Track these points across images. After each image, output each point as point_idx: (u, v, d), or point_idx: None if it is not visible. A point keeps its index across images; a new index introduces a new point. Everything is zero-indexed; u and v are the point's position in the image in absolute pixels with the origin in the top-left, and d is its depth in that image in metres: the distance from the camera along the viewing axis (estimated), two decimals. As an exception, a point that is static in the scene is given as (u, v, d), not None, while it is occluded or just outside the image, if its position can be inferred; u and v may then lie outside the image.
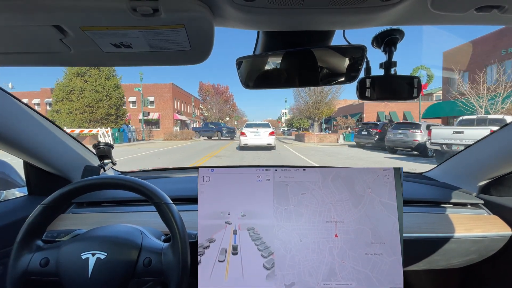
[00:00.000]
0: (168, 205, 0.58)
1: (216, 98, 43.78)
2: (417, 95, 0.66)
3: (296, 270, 0.59)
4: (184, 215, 0.62)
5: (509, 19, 0.47)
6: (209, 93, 43.95)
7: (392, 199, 0.61)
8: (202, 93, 45.20)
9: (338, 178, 0.63)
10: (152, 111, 30.92)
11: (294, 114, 41.04)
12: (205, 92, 44.70)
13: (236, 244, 0.60)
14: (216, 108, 42.68)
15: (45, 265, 0.54)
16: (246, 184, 0.63)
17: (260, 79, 0.71)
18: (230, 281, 0.59)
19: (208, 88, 45.52)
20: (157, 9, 0.40)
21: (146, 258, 0.55)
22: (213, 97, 43.45)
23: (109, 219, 0.84)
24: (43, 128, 0.80)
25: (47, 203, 0.57)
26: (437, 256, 0.83)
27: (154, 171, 1.32)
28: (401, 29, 0.58)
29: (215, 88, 46.81)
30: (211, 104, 42.71)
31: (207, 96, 43.34)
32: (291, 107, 40.81)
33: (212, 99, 43.21)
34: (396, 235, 0.60)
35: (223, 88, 48.90)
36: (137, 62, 0.60)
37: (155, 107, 31.05)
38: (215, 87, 46.98)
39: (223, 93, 47.47)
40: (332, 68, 0.69)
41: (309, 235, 0.61)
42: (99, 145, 0.97)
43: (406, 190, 0.95)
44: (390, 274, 0.59)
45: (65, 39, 0.48)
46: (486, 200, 0.93)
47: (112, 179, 0.59)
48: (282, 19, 0.49)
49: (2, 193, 0.97)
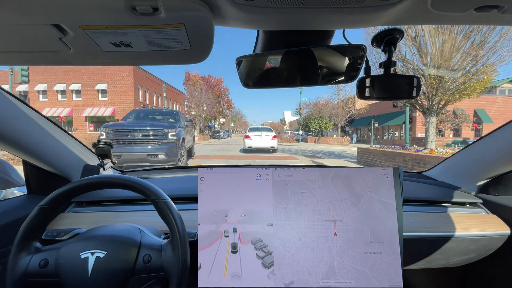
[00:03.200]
0: (165, 201, 0.58)
1: (207, 93, 33.35)
2: (417, 95, 0.66)
3: (295, 269, 0.59)
4: (184, 214, 0.62)
5: (509, 19, 0.47)
6: (198, 86, 32.51)
7: (391, 198, 0.62)
8: (189, 86, 33.35)
9: (337, 178, 0.63)
10: (104, 105, 21.38)
11: (311, 112, 29.81)
12: (193, 85, 33.08)
13: (236, 243, 0.61)
14: (207, 105, 32.99)
15: (45, 266, 0.54)
16: (246, 183, 0.63)
17: (260, 79, 0.71)
18: (229, 279, 0.59)
19: (197, 79, 34.44)
20: (157, 8, 0.40)
21: (145, 255, 0.56)
22: (203, 91, 32.45)
23: (108, 218, 0.84)
24: (42, 127, 0.80)
25: (44, 205, 0.56)
26: (436, 255, 0.83)
27: (154, 171, 1.32)
28: (401, 28, 0.58)
29: (205, 79, 36.64)
30: (200, 101, 31.42)
31: (195, 90, 31.59)
32: (306, 103, 29.58)
33: (201, 93, 31.81)
34: (395, 234, 0.60)
35: (216, 80, 39.10)
36: (136, 61, 0.60)
37: (108, 99, 21.42)
38: (206, 79, 37.09)
39: (215, 87, 38.00)
40: (332, 68, 0.69)
41: (308, 234, 0.61)
42: (99, 144, 0.97)
43: (405, 189, 0.96)
44: (389, 273, 0.59)
45: (64, 38, 0.48)
46: (485, 199, 0.93)
47: (108, 178, 0.59)
48: (282, 19, 0.49)
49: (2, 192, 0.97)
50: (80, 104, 21.46)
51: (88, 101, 21.40)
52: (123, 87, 21.34)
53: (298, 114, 24.98)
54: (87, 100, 21.40)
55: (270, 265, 0.60)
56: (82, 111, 21.13)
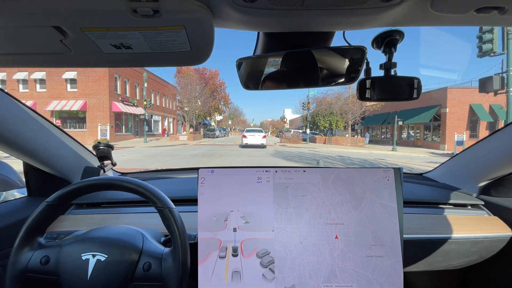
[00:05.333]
0: (171, 210, 0.57)
1: (201, 86, 29.32)
2: (417, 96, 0.66)
3: (296, 273, 0.59)
4: (184, 216, 0.62)
5: (509, 20, 0.47)
6: (191, 79, 28.06)
7: (392, 201, 0.61)
8: (181, 79, 28.57)
9: (338, 180, 0.62)
10: (73, 97, 17.33)
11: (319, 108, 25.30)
12: (185, 77, 28.42)
13: (236, 246, 0.60)
14: (201, 100, 28.90)
15: (46, 264, 0.54)
16: (246, 185, 0.63)
17: (260, 80, 0.71)
18: (229, 283, 0.59)
19: (189, 71, 29.49)
20: (157, 10, 0.40)
21: (146, 262, 0.55)
22: (197, 85, 28.17)
23: (108, 220, 0.84)
24: (42, 129, 0.80)
25: (51, 201, 0.57)
26: (437, 257, 0.83)
27: (154, 172, 1.32)
28: (401, 30, 0.58)
29: (199, 71, 31.94)
30: (193, 95, 27.17)
31: (188, 83, 27.27)
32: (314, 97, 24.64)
33: (195, 86, 27.62)
34: (396, 237, 0.60)
35: (211, 72, 34.71)
36: (137, 63, 0.60)
37: (78, 90, 17.33)
38: (199, 71, 32.37)
39: (210, 80, 33.91)
40: (332, 69, 0.69)
41: (309, 237, 0.60)
42: (99, 146, 0.97)
43: (406, 191, 0.95)
44: (390, 276, 0.59)
45: (65, 40, 0.48)
46: (486, 201, 0.93)
47: (116, 181, 0.59)
48: (282, 20, 0.49)
49: (2, 194, 0.97)
50: (44, 96, 17.21)
51: (54, 92, 17.31)
52: (96, 75, 17.02)
53: (305, 109, 21.62)
54: (53, 91, 17.33)
55: (271, 268, 0.59)
56: (47, 104, 16.92)
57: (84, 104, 17.18)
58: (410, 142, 20.89)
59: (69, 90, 17.58)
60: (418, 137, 20.49)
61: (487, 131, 15.64)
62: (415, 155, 13.28)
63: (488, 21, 0.48)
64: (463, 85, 18.27)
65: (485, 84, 8.55)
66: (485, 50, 7.98)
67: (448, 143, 16.58)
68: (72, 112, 17.60)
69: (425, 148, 17.81)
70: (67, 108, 17.02)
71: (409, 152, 14.57)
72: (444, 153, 14.24)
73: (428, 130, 19.40)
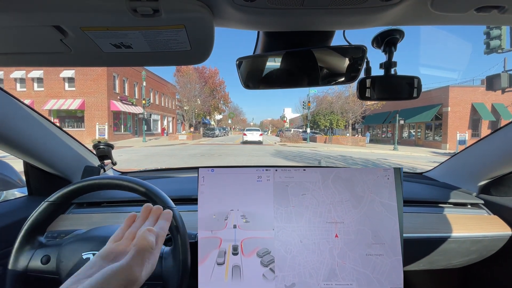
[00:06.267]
0: (171, 209, 0.57)
1: (201, 85, 28.91)
2: (417, 95, 0.66)
3: (296, 271, 0.59)
4: (184, 215, 0.62)
5: (509, 19, 0.47)
6: (190, 78, 27.68)
7: (392, 200, 0.61)
8: (180, 78, 28.13)
9: (338, 179, 0.63)
10: (71, 96, 17.09)
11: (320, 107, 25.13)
12: (184, 76, 28.04)
13: (236, 245, 0.60)
14: (201, 99, 28.51)
15: (46, 263, 0.54)
16: (247, 184, 0.63)
17: (260, 79, 0.71)
18: (230, 281, 0.59)
19: (189, 70, 29.06)
20: (158, 9, 0.40)
21: None
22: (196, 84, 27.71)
23: (109, 220, 0.84)
24: (43, 129, 0.80)
25: (52, 200, 0.57)
26: (437, 256, 0.83)
27: (154, 171, 1.32)
28: (401, 29, 0.58)
29: (198, 70, 31.38)
30: (193, 94, 26.81)
31: (188, 82, 26.92)
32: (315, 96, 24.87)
33: (194, 85, 27.30)
34: (396, 236, 0.60)
35: (211, 71, 34.30)
36: (137, 62, 0.60)
37: (76, 89, 17.08)
38: (199, 70, 31.85)
39: (209, 79, 33.43)
40: (332, 68, 0.69)
41: (309, 236, 0.61)
42: (99, 145, 0.97)
43: (406, 190, 0.95)
44: (390, 275, 0.59)
45: (65, 39, 0.48)
46: (486, 200, 0.93)
47: (117, 180, 0.59)
48: (282, 20, 0.49)
49: (2, 193, 0.97)
50: (42, 95, 17.09)
51: (52, 91, 17.27)
52: (94, 74, 16.86)
53: (306, 108, 21.74)
54: (51, 90, 17.27)
55: (271, 267, 0.59)
56: (45, 103, 16.84)
57: (82, 103, 17.10)
58: (411, 141, 20.75)
59: (67, 89, 17.49)
60: (419, 136, 20.44)
61: (489, 130, 14.56)
62: (417, 154, 13.10)
63: (488, 20, 0.48)
64: (465, 84, 18.11)
65: (492, 81, 8.32)
66: (493, 46, 7.69)
67: (449, 142, 16.37)
68: (70, 111, 17.54)
69: (426, 148, 17.66)
70: (65, 107, 16.97)
71: (411, 151, 14.39)
72: (446, 152, 14.07)
73: (430, 129, 19.29)
